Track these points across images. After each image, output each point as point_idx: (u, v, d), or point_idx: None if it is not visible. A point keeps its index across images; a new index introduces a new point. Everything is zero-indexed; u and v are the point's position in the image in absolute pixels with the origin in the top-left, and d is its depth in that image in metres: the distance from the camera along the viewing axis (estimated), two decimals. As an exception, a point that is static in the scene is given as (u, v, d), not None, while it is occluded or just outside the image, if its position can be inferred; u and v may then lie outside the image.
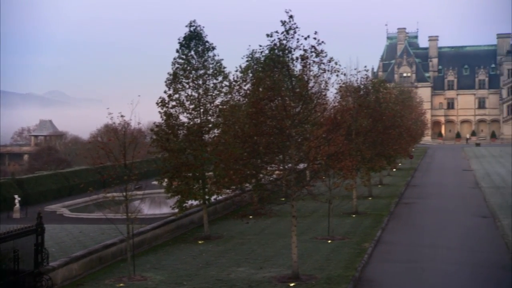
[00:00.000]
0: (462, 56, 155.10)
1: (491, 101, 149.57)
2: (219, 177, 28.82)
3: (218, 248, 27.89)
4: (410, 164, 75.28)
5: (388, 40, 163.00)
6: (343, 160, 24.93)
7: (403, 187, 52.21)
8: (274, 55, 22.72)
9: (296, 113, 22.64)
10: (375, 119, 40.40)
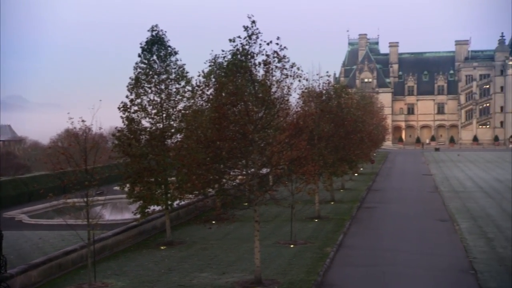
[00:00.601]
0: (421, 62, 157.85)
1: (450, 106, 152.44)
2: (182, 182, 28.67)
3: (180, 253, 27.73)
4: (371, 168, 76.12)
5: (349, 46, 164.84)
6: (306, 165, 25.06)
7: (365, 192, 52.74)
8: (237, 60, 22.76)
9: (259, 118, 22.70)
10: (337, 124, 40.75)
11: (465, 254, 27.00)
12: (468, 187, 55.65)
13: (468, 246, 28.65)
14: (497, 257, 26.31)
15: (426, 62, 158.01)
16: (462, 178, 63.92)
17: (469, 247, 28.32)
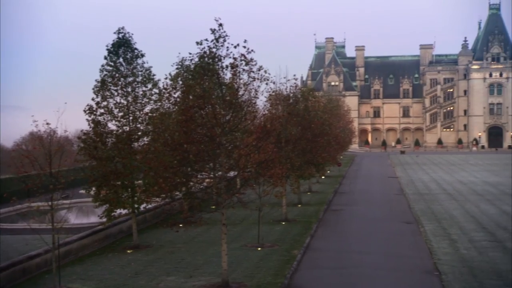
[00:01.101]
0: (387, 66, 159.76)
1: (415, 110, 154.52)
2: (149, 185, 28.49)
3: (147, 257, 27.54)
4: (338, 171, 76.70)
5: (316, 49, 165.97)
6: (273, 168, 25.16)
7: (332, 194, 53.11)
8: (204, 63, 22.72)
9: (226, 121, 22.70)
10: (304, 127, 40.97)
11: (430, 256, 27.38)
12: (432, 189, 56.47)
13: (433, 247, 29.05)
14: (460, 258, 26.75)
15: (391, 65, 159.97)
16: (427, 181, 64.84)
17: (433, 249, 28.72)
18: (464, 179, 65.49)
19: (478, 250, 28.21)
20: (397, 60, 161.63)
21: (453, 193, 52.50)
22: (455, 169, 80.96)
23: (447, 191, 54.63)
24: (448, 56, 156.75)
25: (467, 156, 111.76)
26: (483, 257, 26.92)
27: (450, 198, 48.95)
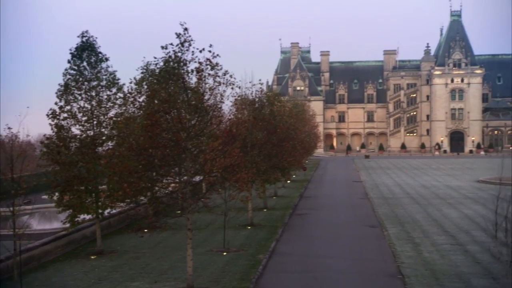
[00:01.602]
0: (352, 71, 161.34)
1: (379, 114, 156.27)
2: (113, 190, 28.22)
3: (111, 263, 27.26)
4: (303, 176, 77.09)
5: (282, 54, 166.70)
6: (239, 172, 25.17)
7: (297, 199, 53.34)
8: (169, 68, 22.67)
9: (191, 125, 22.66)
10: (270, 131, 41.10)
11: (393, 259, 27.71)
12: (396, 193, 57.17)
13: (396, 251, 29.41)
14: (423, 261, 27.14)
15: (356, 71, 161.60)
16: (390, 185, 65.62)
17: (397, 252, 29.08)
18: (427, 183, 66.46)
19: (440, 253, 28.66)
20: (362, 65, 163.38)
21: (416, 197, 53.24)
22: (418, 173, 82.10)
23: (410, 195, 55.37)
24: (411, 62, 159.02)
25: (429, 160, 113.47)
26: (445, 260, 27.37)
27: (413, 202, 49.63)
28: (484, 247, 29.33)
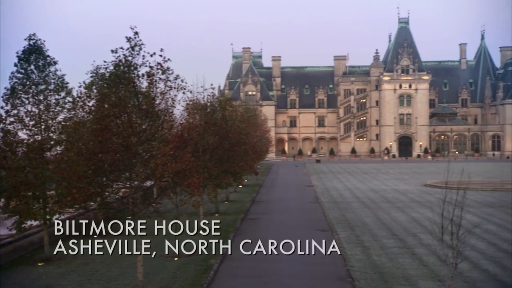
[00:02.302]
0: (303, 76, 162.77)
1: (329, 119, 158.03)
2: (62, 196, 27.74)
3: (59, 269, 26.76)
4: (255, 180, 77.29)
5: (234, 59, 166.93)
6: (190, 177, 25.13)
7: (249, 203, 53.44)
8: (119, 71, 22.46)
9: (142, 130, 22.51)
10: (222, 136, 41.11)
11: (343, 263, 28.07)
12: (346, 197, 57.91)
13: (346, 255, 29.80)
14: (372, 264, 27.59)
15: (307, 76, 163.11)
16: (341, 189, 66.41)
17: (347, 256, 29.46)
18: (376, 187, 67.54)
19: (389, 256, 29.18)
20: (313, 71, 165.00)
21: (365, 201, 54.04)
22: (367, 177, 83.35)
23: (360, 199, 56.17)
24: (361, 68, 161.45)
25: (379, 165, 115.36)
26: (394, 263, 27.89)
27: (363, 206, 50.36)
28: (430, 250, 30.00)
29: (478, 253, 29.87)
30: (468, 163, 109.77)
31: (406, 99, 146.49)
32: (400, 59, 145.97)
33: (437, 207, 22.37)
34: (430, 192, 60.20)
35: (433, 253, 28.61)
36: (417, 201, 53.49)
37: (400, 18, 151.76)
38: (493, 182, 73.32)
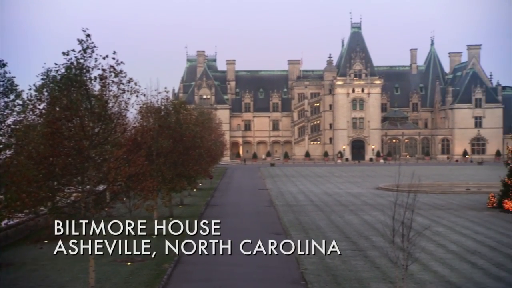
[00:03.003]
0: (257, 80, 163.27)
1: (284, 123, 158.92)
2: (11, 200, 27.06)
3: (8, 276, 26.15)
4: (210, 184, 77.11)
5: (188, 62, 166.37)
6: (144, 181, 24.94)
7: (203, 207, 53.29)
8: (71, 74, 22.15)
9: (95, 133, 22.25)
10: (176, 140, 40.91)
11: (297, 266, 28.27)
12: (300, 200, 58.31)
13: (300, 258, 30.00)
14: (325, 267, 27.88)
15: (261, 80, 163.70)
16: (295, 192, 66.84)
17: (300, 259, 29.66)
18: (329, 191, 68.22)
19: (342, 259, 29.53)
20: (267, 75, 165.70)
21: (319, 204, 54.53)
22: (321, 181, 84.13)
23: (314, 202, 56.64)
24: (315, 72, 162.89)
25: (332, 168, 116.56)
26: (346, 265, 28.25)
27: (317, 209, 50.80)
28: (382, 252, 30.48)
29: (427, 255, 30.52)
30: (418, 166, 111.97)
31: (359, 103, 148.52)
32: (353, 63, 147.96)
33: (389, 209, 22.78)
34: (382, 195, 61.17)
35: (385, 255, 29.08)
36: (369, 204, 54.28)
37: (352, 23, 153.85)
38: (442, 185, 75.03)
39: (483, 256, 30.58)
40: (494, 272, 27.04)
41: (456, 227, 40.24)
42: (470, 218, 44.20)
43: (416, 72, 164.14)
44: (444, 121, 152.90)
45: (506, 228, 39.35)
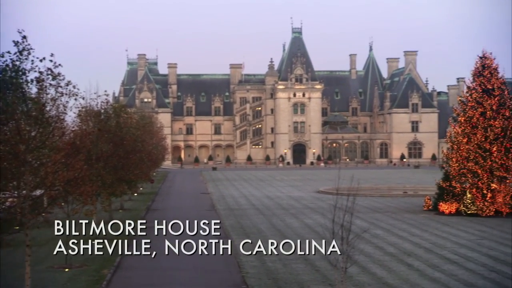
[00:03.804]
0: (199, 84, 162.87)
1: (226, 127, 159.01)
2: None
3: None
4: (151, 188, 76.38)
5: (129, 65, 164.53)
6: (83, 186, 24.53)
7: (144, 212, 52.76)
8: (7, 77, 21.58)
9: (32, 137, 21.76)
10: (116, 143, 40.37)
11: (238, 270, 28.35)
12: (242, 204, 58.45)
13: (241, 261, 30.09)
14: (266, 271, 28.07)
15: (203, 83, 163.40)
16: (237, 196, 66.96)
17: (242, 263, 29.76)
18: (271, 194, 68.64)
19: (283, 262, 29.78)
20: (209, 78, 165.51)
21: (261, 208, 54.80)
22: (263, 184, 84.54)
23: (255, 206, 56.88)
24: (257, 76, 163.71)
25: (274, 172, 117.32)
26: (287, 268, 28.52)
27: (258, 213, 51.04)
28: (322, 255, 30.85)
29: (366, 257, 31.14)
30: (358, 170, 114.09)
31: (300, 107, 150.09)
32: (294, 68, 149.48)
33: (329, 213, 23.16)
34: (322, 199, 61.97)
35: (325, 258, 29.48)
36: (310, 207, 54.92)
37: (293, 28, 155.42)
38: (380, 188, 76.66)
39: (419, 257, 31.42)
40: (429, 273, 27.83)
41: (393, 229, 41.20)
42: (407, 221, 45.34)
43: (355, 77, 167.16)
44: (382, 126, 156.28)
45: (441, 230, 40.56)
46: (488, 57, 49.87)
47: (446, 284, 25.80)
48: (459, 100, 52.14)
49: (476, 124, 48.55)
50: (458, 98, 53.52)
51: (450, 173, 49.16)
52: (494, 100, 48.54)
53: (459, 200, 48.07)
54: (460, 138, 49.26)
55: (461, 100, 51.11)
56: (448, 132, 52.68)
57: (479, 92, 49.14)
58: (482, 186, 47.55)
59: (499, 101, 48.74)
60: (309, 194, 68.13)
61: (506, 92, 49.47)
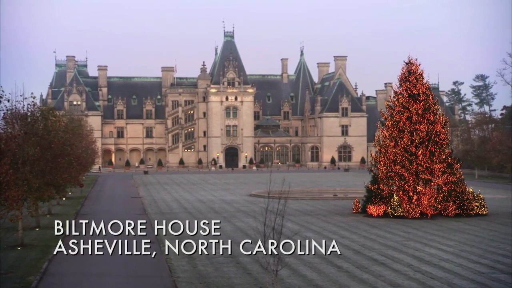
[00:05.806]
0: (130, 87, 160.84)
1: (158, 130, 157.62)
2: None
3: None
4: (80, 192, 74.85)
5: (57, 67, 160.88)
6: (8, 190, 23.93)
7: (73, 216, 51.63)
8: None
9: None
10: (44, 147, 39.37)
11: (169, 274, 28.18)
12: (174, 208, 58.07)
13: (173, 266, 29.94)
14: (198, 275, 28.04)
15: (134, 86, 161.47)
16: (168, 200, 66.46)
17: (173, 267, 29.62)
18: (203, 198, 68.49)
19: (215, 266, 29.82)
20: (140, 81, 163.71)
21: (193, 212, 54.60)
22: (195, 188, 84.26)
23: (187, 210, 56.63)
24: (189, 79, 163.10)
25: (206, 175, 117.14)
26: (219, 272, 28.57)
27: (191, 217, 50.75)
28: (253, 258, 31.08)
29: (297, 260, 31.52)
30: (289, 173, 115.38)
31: (232, 111, 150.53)
32: (226, 71, 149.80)
33: (261, 216, 23.34)
34: (254, 202, 62.33)
35: (256, 261, 29.69)
36: (242, 210, 55.14)
37: (225, 31, 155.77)
38: (311, 191, 77.84)
39: (348, 259, 32.10)
40: (358, 275, 28.49)
41: (324, 232, 41.90)
42: (337, 223, 46.21)
43: (287, 81, 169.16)
44: (313, 129, 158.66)
45: (369, 232, 41.56)
46: (413, 63, 51.58)
47: (374, 285, 26.49)
48: (386, 104, 53.62)
49: (402, 128, 50.03)
50: (386, 102, 55.01)
51: (378, 176, 50.44)
52: (419, 105, 50.16)
53: (387, 203, 49.35)
54: (387, 142, 50.63)
55: (389, 105, 52.59)
56: (376, 136, 54.10)
57: (405, 97, 50.72)
58: (408, 189, 49.04)
59: (424, 106, 50.40)
60: (241, 198, 68.38)
61: (430, 97, 51.19)
